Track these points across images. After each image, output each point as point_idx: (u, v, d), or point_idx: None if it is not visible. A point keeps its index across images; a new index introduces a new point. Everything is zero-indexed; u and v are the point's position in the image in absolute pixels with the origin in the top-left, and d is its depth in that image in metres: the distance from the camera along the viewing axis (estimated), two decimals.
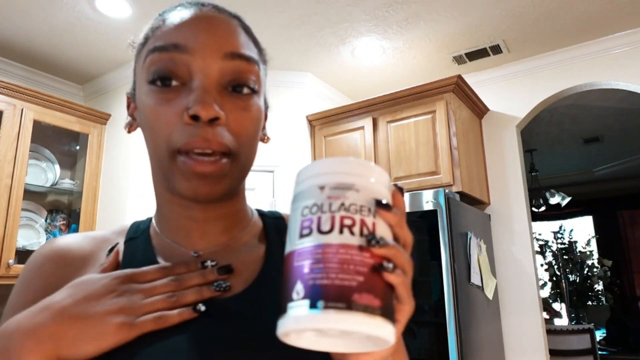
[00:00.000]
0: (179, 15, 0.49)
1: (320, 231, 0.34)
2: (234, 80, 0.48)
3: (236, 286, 0.49)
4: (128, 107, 0.56)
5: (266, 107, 0.56)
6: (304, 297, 0.32)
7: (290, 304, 0.33)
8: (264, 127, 0.56)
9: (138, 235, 0.55)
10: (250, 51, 0.50)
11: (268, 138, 0.57)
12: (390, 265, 0.34)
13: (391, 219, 0.36)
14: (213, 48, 0.47)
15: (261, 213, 0.61)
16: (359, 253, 0.33)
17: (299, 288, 0.33)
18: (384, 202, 0.36)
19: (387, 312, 0.33)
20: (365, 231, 0.34)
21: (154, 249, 0.53)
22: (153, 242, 0.54)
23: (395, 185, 0.39)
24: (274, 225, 0.59)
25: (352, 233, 0.34)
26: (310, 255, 0.34)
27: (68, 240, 0.55)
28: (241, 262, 0.52)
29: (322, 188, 0.36)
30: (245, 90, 0.48)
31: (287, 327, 0.33)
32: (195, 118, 0.45)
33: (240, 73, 0.48)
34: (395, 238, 0.37)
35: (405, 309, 0.36)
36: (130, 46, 0.55)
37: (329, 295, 0.32)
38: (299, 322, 0.32)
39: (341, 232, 0.34)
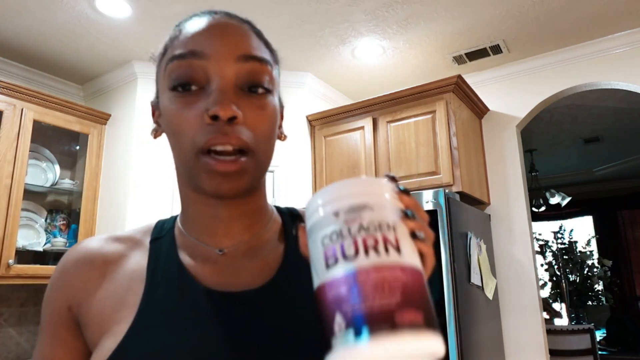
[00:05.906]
0: (194, 24, 0.53)
1: (346, 258, 0.34)
2: (249, 81, 0.51)
3: (257, 281, 0.53)
4: (153, 114, 0.59)
5: (281, 106, 0.58)
6: (347, 328, 0.31)
7: (334, 339, 0.32)
8: (280, 126, 0.59)
9: (163, 234, 0.58)
10: (263, 53, 0.53)
11: (285, 136, 0.60)
12: (422, 234, 0.37)
13: (410, 203, 0.39)
14: (227, 52, 0.50)
15: (279, 210, 0.64)
16: (391, 270, 0.33)
17: (339, 320, 0.32)
18: (402, 208, 0.38)
19: (431, 321, 0.33)
20: (389, 247, 0.34)
21: (177, 248, 0.56)
22: (177, 241, 0.57)
23: (402, 189, 0.41)
24: (292, 223, 0.62)
25: (377, 252, 0.33)
26: (342, 285, 0.33)
27: (94, 244, 0.57)
28: (262, 260, 0.56)
29: (336, 214, 0.36)
30: (260, 90, 0.51)
31: None
32: (214, 118, 0.47)
33: (254, 74, 0.51)
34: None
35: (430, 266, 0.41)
36: (151, 58, 0.59)
37: (372, 321, 0.31)
38: (348, 355, 0.31)
39: (367, 253, 0.33)
